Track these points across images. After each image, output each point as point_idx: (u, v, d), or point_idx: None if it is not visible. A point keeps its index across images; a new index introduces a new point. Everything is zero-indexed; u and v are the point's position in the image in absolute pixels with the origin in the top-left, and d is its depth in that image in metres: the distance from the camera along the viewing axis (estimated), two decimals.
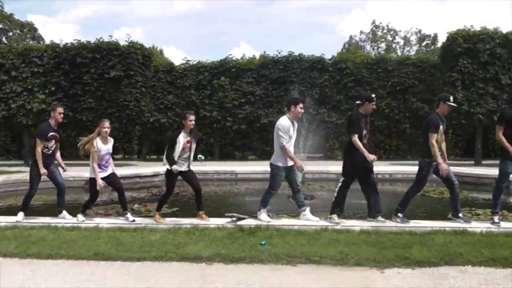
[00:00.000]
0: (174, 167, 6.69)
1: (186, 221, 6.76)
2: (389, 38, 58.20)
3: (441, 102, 7.01)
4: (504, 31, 23.90)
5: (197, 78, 27.36)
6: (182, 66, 27.80)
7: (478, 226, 6.67)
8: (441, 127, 6.88)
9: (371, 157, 6.68)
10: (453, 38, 23.83)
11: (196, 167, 7.28)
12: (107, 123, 7.15)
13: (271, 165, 6.95)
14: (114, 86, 21.75)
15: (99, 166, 7.01)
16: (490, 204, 7.46)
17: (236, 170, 16.64)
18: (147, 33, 77.78)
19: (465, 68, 23.29)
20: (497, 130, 6.95)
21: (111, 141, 7.28)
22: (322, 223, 6.75)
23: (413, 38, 57.33)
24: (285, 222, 6.81)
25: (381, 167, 17.21)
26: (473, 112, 22.93)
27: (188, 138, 6.91)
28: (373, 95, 7.06)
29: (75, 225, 6.68)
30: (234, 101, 27.40)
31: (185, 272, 4.89)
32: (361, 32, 56.95)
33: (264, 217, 6.83)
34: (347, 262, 5.21)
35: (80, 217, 7.07)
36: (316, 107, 27.63)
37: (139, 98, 22.47)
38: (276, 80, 28.25)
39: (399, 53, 53.26)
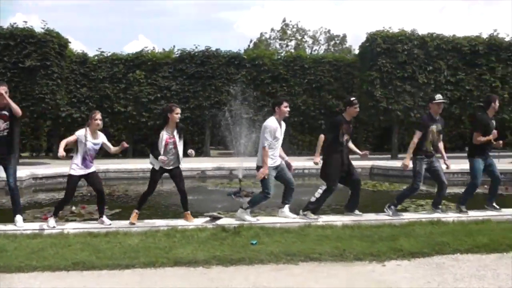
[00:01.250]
0: (161, 157, 6.22)
1: (161, 223, 6.31)
2: (298, 37, 59.36)
3: (430, 103, 7.22)
4: (420, 33, 25.16)
5: (111, 71, 26.16)
6: (96, 57, 26.40)
7: (450, 216, 6.92)
8: (434, 126, 7.07)
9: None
10: (372, 38, 24.80)
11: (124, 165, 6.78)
12: (99, 115, 6.46)
13: (258, 167, 6.65)
14: (29, 76, 19.95)
15: (83, 160, 6.34)
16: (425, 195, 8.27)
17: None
18: (44, 22, 73.03)
19: (384, 67, 24.35)
20: (474, 136, 7.32)
21: (101, 136, 6.59)
22: (301, 220, 6.63)
23: (322, 38, 59.02)
24: (267, 220, 6.59)
25: (298, 163, 17.53)
26: (392, 109, 24.00)
27: (169, 135, 6.45)
28: (353, 98, 7.11)
29: (36, 231, 5.98)
30: (150, 96, 26.55)
31: (189, 278, 4.52)
32: (272, 30, 57.66)
33: (247, 217, 6.55)
34: (347, 258, 5.15)
35: (52, 221, 6.30)
36: (233, 103, 27.55)
37: (55, 90, 20.88)
38: (193, 75, 27.80)
39: (308, 52, 54.50)
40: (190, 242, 5.53)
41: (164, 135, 6.37)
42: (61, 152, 6.09)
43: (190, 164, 15.04)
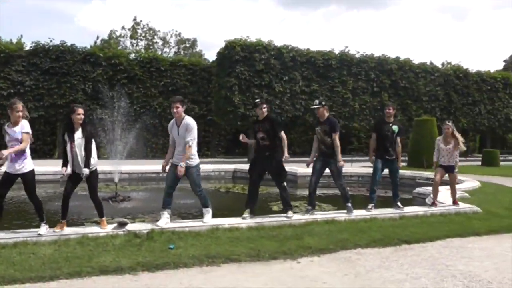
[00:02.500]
0: (64, 168, 5.89)
1: (69, 231, 5.98)
2: (149, 37, 58.68)
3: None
4: (277, 44, 26.69)
5: None
6: None
7: (341, 216, 7.64)
8: (318, 128, 7.92)
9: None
10: (231, 45, 25.69)
11: None
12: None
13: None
14: None
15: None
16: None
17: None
18: None
19: (242, 75, 25.40)
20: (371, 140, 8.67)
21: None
22: (207, 223, 6.79)
23: (172, 40, 59.05)
24: (177, 224, 6.61)
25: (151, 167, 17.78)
26: (249, 115, 25.04)
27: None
28: (257, 100, 7.71)
29: None
30: (2, 91, 24.44)
31: (123, 285, 4.45)
32: (123, 28, 56.21)
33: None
34: (263, 257, 5.50)
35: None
36: (88, 102, 26.54)
37: None
38: (48, 70, 26.29)
39: (159, 53, 54.09)
40: (107, 249, 5.38)
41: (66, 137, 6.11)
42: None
43: (52, 168, 14.18)
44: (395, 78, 29.14)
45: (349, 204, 7.88)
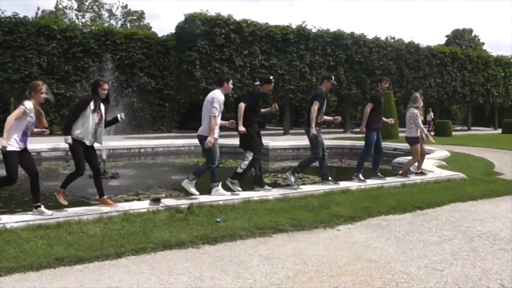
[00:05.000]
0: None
1: (105, 209, 5.98)
2: (96, 9, 57.04)
3: (326, 81, 8.07)
4: (236, 19, 26.60)
5: None
6: None
7: (352, 185, 8.05)
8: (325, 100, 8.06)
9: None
10: (191, 20, 25.34)
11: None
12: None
13: (204, 138, 6.74)
14: None
15: (24, 135, 5.57)
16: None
17: None
18: None
19: (203, 49, 25.18)
20: (366, 107, 8.80)
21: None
22: (235, 196, 6.98)
23: (119, 12, 57.50)
24: (208, 198, 6.74)
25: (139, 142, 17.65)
26: (210, 89, 24.85)
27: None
28: (271, 77, 7.72)
29: None
30: None
31: (197, 258, 4.60)
32: None
33: (192, 189, 6.66)
34: (305, 226, 5.77)
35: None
36: (44, 77, 25.65)
37: None
38: (1, 43, 25.12)
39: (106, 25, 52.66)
40: (157, 225, 5.47)
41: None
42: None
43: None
44: (350, 53, 29.87)
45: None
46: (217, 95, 6.86)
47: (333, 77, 8.48)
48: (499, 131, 35.19)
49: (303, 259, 4.59)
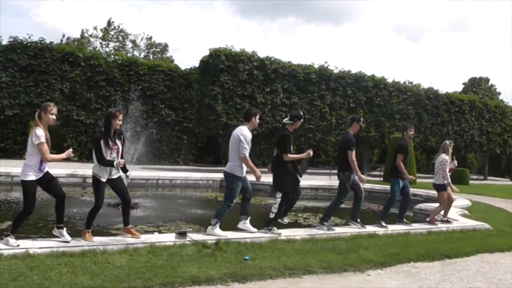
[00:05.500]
0: (120, 160, 5.98)
1: (130, 240, 5.91)
2: (120, 39, 58.21)
3: (354, 122, 8.01)
4: (260, 56, 26.90)
5: None
6: None
7: (379, 230, 7.90)
8: None
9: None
10: (215, 54, 25.70)
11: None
12: (55, 109, 5.65)
13: (230, 175, 6.69)
14: None
15: (42, 162, 5.52)
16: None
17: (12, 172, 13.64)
18: None
19: (226, 84, 25.42)
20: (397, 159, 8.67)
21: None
22: (262, 234, 6.87)
23: (142, 44, 58.60)
24: (235, 235, 6.64)
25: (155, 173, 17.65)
26: (231, 124, 25.12)
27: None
28: (301, 113, 7.65)
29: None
30: None
31: None
32: (95, 28, 55.44)
33: (219, 231, 6.53)
34: (335, 269, 5.62)
35: (12, 240, 5.40)
36: (65, 103, 26.05)
37: None
38: (25, 67, 25.68)
39: (129, 55, 53.69)
40: (184, 260, 5.37)
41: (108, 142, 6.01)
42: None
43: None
44: (371, 95, 29.94)
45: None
46: (244, 133, 6.79)
47: (361, 119, 8.45)
48: None
49: None
